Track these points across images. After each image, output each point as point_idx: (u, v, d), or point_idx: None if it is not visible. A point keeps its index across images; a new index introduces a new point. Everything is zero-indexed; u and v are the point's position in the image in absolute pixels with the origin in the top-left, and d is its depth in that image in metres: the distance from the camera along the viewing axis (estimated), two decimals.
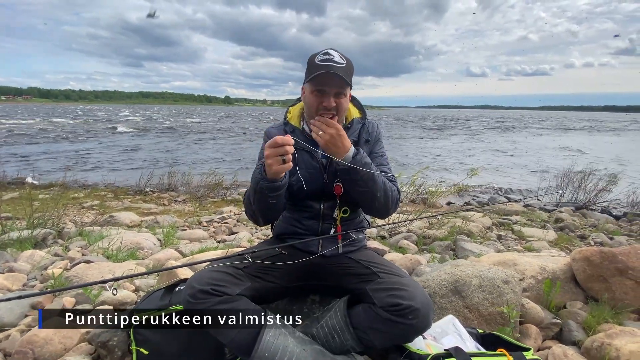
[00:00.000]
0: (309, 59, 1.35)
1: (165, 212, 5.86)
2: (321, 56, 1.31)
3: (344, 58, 1.33)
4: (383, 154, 1.51)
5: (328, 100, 1.31)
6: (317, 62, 1.30)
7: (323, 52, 1.33)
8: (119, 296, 1.81)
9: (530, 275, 1.94)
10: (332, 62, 1.29)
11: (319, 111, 1.34)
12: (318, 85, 1.31)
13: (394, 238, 3.75)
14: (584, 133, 35.16)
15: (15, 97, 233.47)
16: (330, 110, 1.33)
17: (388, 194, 1.35)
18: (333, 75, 1.27)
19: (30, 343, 1.34)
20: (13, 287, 2.04)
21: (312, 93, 1.34)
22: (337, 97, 1.33)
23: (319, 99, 1.32)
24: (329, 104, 1.32)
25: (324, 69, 1.28)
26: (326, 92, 1.31)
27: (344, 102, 1.36)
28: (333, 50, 1.33)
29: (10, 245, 2.92)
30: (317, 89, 1.32)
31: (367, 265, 1.35)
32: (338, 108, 1.34)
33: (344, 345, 1.26)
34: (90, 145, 17.19)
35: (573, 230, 4.82)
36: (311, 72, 1.30)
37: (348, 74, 1.32)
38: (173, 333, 1.30)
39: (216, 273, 1.21)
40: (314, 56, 1.33)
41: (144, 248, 3.06)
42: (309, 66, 1.34)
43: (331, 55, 1.31)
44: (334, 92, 1.31)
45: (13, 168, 9.60)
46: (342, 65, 1.30)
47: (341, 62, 1.31)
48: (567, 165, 7.85)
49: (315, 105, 1.34)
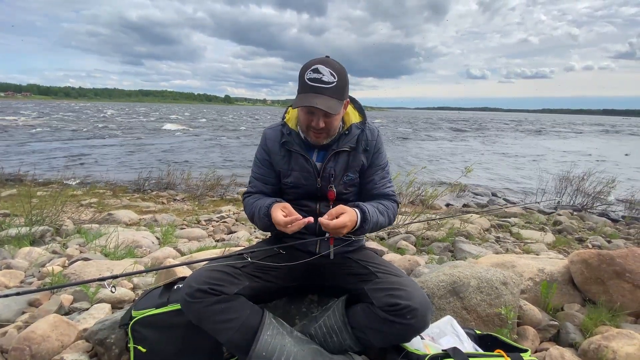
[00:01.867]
0: (300, 72, 1.29)
1: (164, 211, 5.86)
2: (311, 73, 1.24)
3: (335, 74, 1.24)
4: (385, 165, 1.48)
5: (317, 121, 1.29)
6: (306, 80, 1.25)
7: (313, 67, 1.25)
8: (117, 294, 1.80)
9: (528, 277, 1.95)
10: (321, 82, 1.23)
11: (309, 129, 1.33)
12: (306, 106, 1.26)
13: (393, 239, 3.75)
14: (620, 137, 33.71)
15: (14, 93, 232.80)
16: (318, 130, 1.31)
17: (391, 221, 1.45)
18: (320, 98, 1.22)
19: (27, 340, 1.34)
20: (10, 284, 2.03)
21: (301, 111, 1.31)
22: (326, 117, 1.28)
23: (309, 117, 1.30)
24: (317, 125, 1.29)
25: (311, 91, 1.23)
26: (315, 114, 1.28)
27: (335, 120, 1.32)
28: (323, 67, 1.24)
29: (8, 242, 2.92)
30: (304, 110, 1.29)
31: (366, 265, 1.35)
32: (328, 127, 1.31)
33: (342, 345, 1.26)
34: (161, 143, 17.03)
35: (571, 233, 4.83)
36: (300, 89, 1.28)
37: (339, 92, 1.26)
38: (171, 331, 1.30)
39: (214, 272, 1.20)
40: (305, 70, 1.26)
41: (143, 246, 3.06)
42: (299, 80, 1.29)
43: (321, 73, 1.23)
44: (323, 113, 1.27)
45: (14, 165, 9.56)
46: (332, 85, 1.24)
47: (331, 81, 1.23)
48: (568, 168, 7.88)
49: (305, 124, 1.33)
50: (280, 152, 1.43)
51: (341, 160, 1.40)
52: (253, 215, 1.41)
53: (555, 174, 8.39)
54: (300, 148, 1.40)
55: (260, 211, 1.34)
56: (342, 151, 1.39)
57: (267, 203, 1.34)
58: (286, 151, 1.42)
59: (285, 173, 1.43)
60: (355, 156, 1.41)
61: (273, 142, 1.45)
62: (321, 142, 1.38)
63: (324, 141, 1.38)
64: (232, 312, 1.16)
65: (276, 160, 1.44)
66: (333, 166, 1.39)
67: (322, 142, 1.38)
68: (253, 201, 1.43)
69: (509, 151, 19.28)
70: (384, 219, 1.39)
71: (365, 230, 1.32)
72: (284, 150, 1.42)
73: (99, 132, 22.51)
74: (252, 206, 1.41)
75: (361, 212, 1.30)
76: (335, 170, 1.39)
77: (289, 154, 1.42)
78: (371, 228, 1.34)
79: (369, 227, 1.31)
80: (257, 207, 1.37)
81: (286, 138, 1.41)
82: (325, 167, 1.38)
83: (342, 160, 1.40)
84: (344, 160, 1.40)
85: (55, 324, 1.43)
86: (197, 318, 1.17)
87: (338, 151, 1.39)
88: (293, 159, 1.41)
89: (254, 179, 1.50)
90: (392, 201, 1.47)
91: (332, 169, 1.38)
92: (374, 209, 1.35)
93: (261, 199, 1.42)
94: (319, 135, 1.35)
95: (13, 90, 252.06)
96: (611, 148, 23.07)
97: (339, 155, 1.40)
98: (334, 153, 1.39)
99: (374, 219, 1.33)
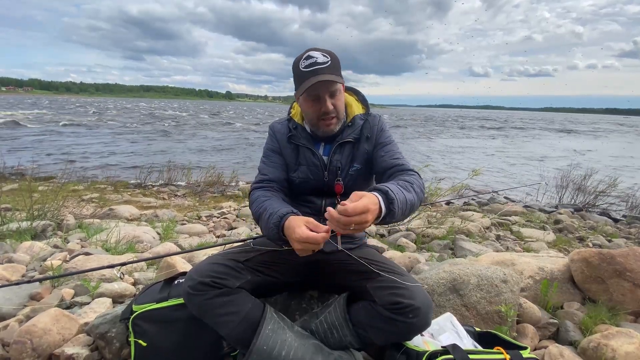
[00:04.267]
0: (294, 67, 1.31)
1: (165, 206, 5.86)
2: (304, 61, 1.27)
3: (327, 55, 1.28)
4: (391, 141, 1.42)
5: (325, 105, 1.30)
6: (302, 69, 1.27)
7: (305, 56, 1.28)
8: (117, 288, 1.81)
9: (529, 275, 1.95)
10: (317, 64, 1.25)
11: (320, 117, 1.33)
12: (311, 93, 1.28)
13: (393, 236, 3.75)
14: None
15: (16, 88, 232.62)
16: (330, 113, 1.32)
17: (420, 196, 1.21)
18: (320, 79, 1.24)
19: (28, 333, 1.34)
20: (12, 278, 2.04)
21: (307, 102, 1.32)
22: (332, 97, 1.31)
23: (317, 106, 1.31)
24: (327, 109, 1.31)
25: (311, 75, 1.25)
26: (321, 97, 1.29)
27: (340, 99, 1.35)
28: (315, 52, 1.28)
29: (9, 236, 2.92)
30: (311, 98, 1.30)
31: (368, 262, 1.35)
32: (337, 109, 1.33)
33: (343, 341, 1.26)
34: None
35: (572, 232, 4.83)
36: (300, 81, 1.29)
37: (336, 69, 1.29)
38: (171, 326, 1.31)
39: (217, 265, 1.21)
40: (297, 63, 1.29)
41: (143, 241, 3.06)
42: (295, 75, 1.31)
43: (314, 57, 1.26)
44: (327, 94, 1.30)
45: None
46: (327, 64, 1.26)
47: (325, 60, 1.26)
48: (569, 167, 7.86)
49: (315, 113, 1.33)
50: (288, 146, 1.44)
51: (346, 151, 1.41)
52: (260, 217, 1.26)
53: (557, 173, 8.38)
54: (307, 142, 1.42)
55: (271, 219, 1.18)
56: (346, 142, 1.40)
57: (281, 211, 1.17)
58: (294, 145, 1.44)
59: (292, 167, 1.44)
60: (359, 146, 1.42)
61: (281, 135, 1.46)
62: (333, 130, 1.38)
63: (336, 128, 1.38)
64: (233, 306, 1.17)
65: (285, 153, 1.45)
66: (339, 158, 1.40)
67: (334, 129, 1.38)
68: (264, 199, 1.30)
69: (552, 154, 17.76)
70: (411, 195, 1.14)
71: (395, 214, 1.05)
72: (291, 144, 1.44)
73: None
74: (261, 206, 1.27)
75: (382, 192, 1.05)
76: (342, 162, 1.40)
77: (296, 148, 1.43)
78: (402, 210, 1.08)
79: (398, 207, 1.06)
80: (267, 210, 1.22)
81: (293, 132, 1.43)
82: (331, 159, 1.39)
83: (347, 151, 1.41)
84: (349, 151, 1.41)
85: (57, 317, 1.44)
86: (199, 311, 1.17)
87: (342, 142, 1.40)
88: (300, 153, 1.43)
89: (266, 166, 1.44)
90: (410, 172, 1.29)
91: (338, 162, 1.39)
92: (395, 187, 1.12)
93: (272, 199, 1.29)
94: (330, 122, 1.35)
95: (14, 84, 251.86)
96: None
97: (344, 146, 1.41)
98: (339, 145, 1.40)
99: (400, 196, 1.08)
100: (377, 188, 1.08)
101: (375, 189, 1.07)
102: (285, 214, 1.17)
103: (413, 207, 1.16)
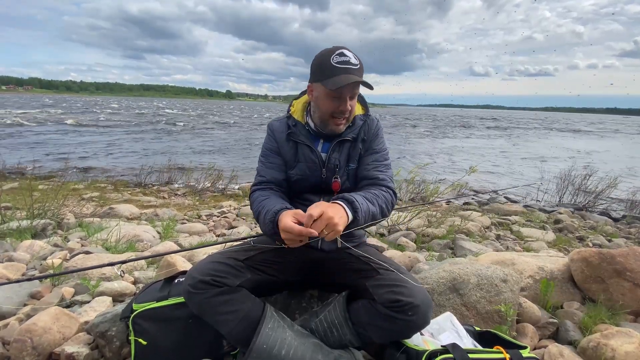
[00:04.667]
0: (323, 59, 1.28)
1: (165, 206, 5.86)
2: (337, 57, 1.25)
3: (357, 58, 1.29)
4: (382, 149, 1.47)
5: (345, 105, 1.31)
6: (333, 63, 1.25)
7: (338, 52, 1.26)
8: (117, 287, 1.81)
9: (528, 275, 1.95)
10: (350, 64, 1.25)
11: (334, 115, 1.34)
12: (336, 89, 1.26)
13: (393, 235, 3.75)
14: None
15: (16, 87, 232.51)
16: (344, 114, 1.34)
17: (383, 210, 1.31)
18: (352, 78, 1.24)
19: (28, 332, 1.34)
20: (12, 276, 2.04)
21: (328, 96, 1.31)
22: (351, 99, 1.33)
23: (336, 103, 1.31)
24: (345, 109, 1.32)
25: (343, 72, 1.24)
26: (343, 97, 1.30)
27: (355, 102, 1.37)
28: (347, 51, 1.27)
29: (9, 235, 2.93)
30: (334, 94, 1.29)
31: (367, 261, 1.35)
32: (350, 111, 1.36)
33: (342, 340, 1.26)
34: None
35: (572, 232, 4.82)
36: (327, 74, 1.26)
37: (362, 74, 1.30)
38: (171, 324, 1.31)
39: (217, 264, 1.21)
40: (328, 56, 1.26)
41: (144, 240, 3.07)
42: (322, 67, 1.27)
43: (347, 56, 1.26)
44: (350, 95, 1.31)
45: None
46: (358, 67, 1.27)
47: (356, 63, 1.27)
48: (568, 167, 7.85)
49: (331, 109, 1.33)
50: (287, 143, 1.44)
51: (345, 149, 1.42)
52: (258, 216, 1.31)
53: (558, 172, 8.36)
54: (305, 139, 1.42)
55: (267, 215, 1.23)
56: (345, 141, 1.42)
57: (275, 208, 1.22)
58: (292, 143, 1.44)
59: (291, 164, 1.44)
60: (355, 146, 1.43)
61: (280, 134, 1.46)
62: (341, 130, 1.40)
63: (343, 129, 1.40)
64: (234, 304, 1.17)
65: (284, 151, 1.45)
66: (338, 156, 1.41)
67: (341, 130, 1.40)
68: (262, 199, 1.34)
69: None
70: (374, 208, 1.26)
71: (359, 222, 1.18)
72: (290, 141, 1.44)
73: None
74: (260, 205, 1.31)
75: (348, 202, 1.18)
76: (340, 160, 1.41)
77: (295, 145, 1.44)
78: (364, 218, 1.21)
79: (362, 216, 1.19)
80: (265, 208, 1.27)
81: (292, 129, 1.44)
82: (330, 157, 1.40)
83: (345, 150, 1.42)
84: (347, 149, 1.42)
85: (57, 316, 1.44)
86: (199, 309, 1.17)
87: (341, 141, 1.41)
88: (299, 150, 1.43)
89: (265, 168, 1.45)
90: (384, 188, 1.36)
91: (337, 160, 1.40)
92: (361, 197, 1.24)
93: (271, 198, 1.33)
94: (340, 122, 1.36)
95: (15, 83, 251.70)
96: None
97: (343, 145, 1.42)
98: (338, 143, 1.41)
99: (364, 207, 1.21)
100: (343, 197, 1.21)
101: (342, 198, 1.20)
102: (280, 210, 1.21)
103: (375, 218, 1.29)
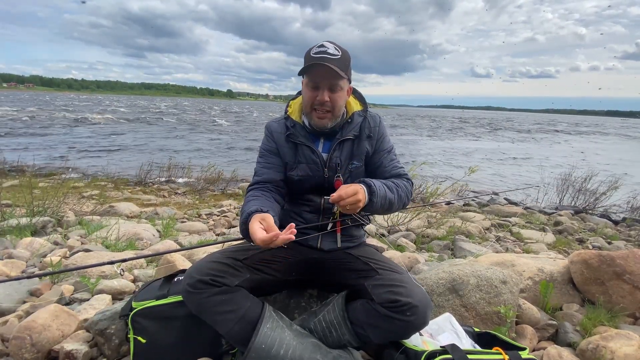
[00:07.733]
0: (305, 53, 1.33)
1: (165, 204, 5.87)
2: (316, 49, 1.29)
3: (340, 49, 1.29)
4: (390, 149, 1.49)
5: (322, 96, 1.30)
6: (311, 55, 1.29)
7: (319, 44, 1.31)
8: (117, 285, 1.81)
9: (528, 276, 1.95)
10: (326, 54, 1.27)
11: (313, 106, 1.33)
12: (311, 78, 1.31)
13: (393, 236, 3.75)
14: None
15: (17, 84, 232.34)
16: (324, 105, 1.32)
17: (403, 199, 1.39)
18: (325, 67, 1.25)
19: (28, 329, 1.34)
20: (12, 274, 2.04)
21: (307, 87, 1.34)
22: (332, 91, 1.31)
23: (314, 93, 1.32)
24: (322, 99, 1.30)
25: (317, 60, 1.26)
26: (320, 87, 1.30)
27: (340, 96, 1.34)
28: (329, 43, 1.30)
29: (9, 232, 2.93)
30: (312, 83, 1.32)
31: (366, 261, 1.35)
32: (332, 104, 1.32)
33: (341, 340, 1.26)
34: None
35: (572, 234, 4.82)
36: (305, 64, 1.30)
37: (343, 65, 1.28)
38: (171, 323, 1.31)
39: (216, 264, 1.21)
40: (310, 49, 1.31)
41: (143, 239, 3.07)
42: (305, 59, 1.32)
43: (326, 47, 1.28)
44: (327, 86, 1.30)
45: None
46: (336, 57, 1.27)
47: (335, 53, 1.28)
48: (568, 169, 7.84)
49: (310, 101, 1.33)
50: (286, 144, 1.43)
51: (346, 148, 1.41)
52: (241, 215, 1.28)
53: (558, 174, 8.35)
54: (305, 139, 1.41)
55: (242, 217, 1.21)
56: (346, 139, 1.41)
57: (250, 209, 1.19)
58: (292, 144, 1.42)
59: (291, 166, 1.42)
60: (359, 144, 1.42)
61: (279, 134, 1.45)
62: (326, 125, 1.37)
63: (329, 124, 1.38)
64: (232, 304, 1.17)
65: (283, 152, 1.44)
66: (339, 155, 1.40)
67: (327, 125, 1.37)
68: (250, 199, 1.31)
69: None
70: (392, 195, 1.33)
71: (374, 205, 1.25)
72: (289, 142, 1.42)
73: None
74: (246, 205, 1.28)
75: (366, 185, 1.25)
76: (341, 159, 1.40)
77: (294, 146, 1.42)
78: (381, 203, 1.27)
79: (377, 200, 1.25)
80: (245, 209, 1.23)
81: (291, 130, 1.42)
82: (331, 157, 1.39)
83: (347, 148, 1.41)
84: (348, 148, 1.41)
85: (56, 313, 1.44)
86: (197, 309, 1.17)
87: (342, 140, 1.40)
88: (299, 151, 1.41)
89: (262, 168, 1.44)
90: (404, 179, 1.44)
91: (338, 158, 1.40)
92: (380, 183, 1.30)
93: (257, 199, 1.30)
94: (323, 115, 1.35)
95: (16, 81, 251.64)
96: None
97: (344, 143, 1.41)
98: (339, 142, 1.40)
99: (382, 192, 1.27)
100: (362, 180, 1.29)
101: (361, 181, 1.28)
102: (252, 212, 1.17)
103: (392, 205, 1.35)
